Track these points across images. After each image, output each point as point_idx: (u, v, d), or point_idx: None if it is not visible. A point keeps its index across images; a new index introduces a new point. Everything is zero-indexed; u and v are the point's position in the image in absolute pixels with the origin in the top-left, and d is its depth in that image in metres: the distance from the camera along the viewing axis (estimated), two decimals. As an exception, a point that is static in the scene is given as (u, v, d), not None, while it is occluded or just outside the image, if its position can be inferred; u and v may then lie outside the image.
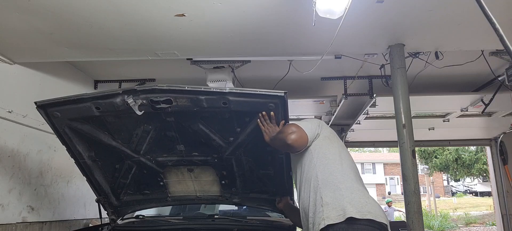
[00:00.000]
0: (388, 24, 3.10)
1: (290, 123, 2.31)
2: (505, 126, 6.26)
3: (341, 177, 2.10)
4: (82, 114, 2.47)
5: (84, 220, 4.50)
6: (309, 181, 2.16)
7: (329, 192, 2.04)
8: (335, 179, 2.08)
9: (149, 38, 3.26)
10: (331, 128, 2.47)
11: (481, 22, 2.85)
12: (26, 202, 3.62)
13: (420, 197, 3.22)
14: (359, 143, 8.17)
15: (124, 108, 2.36)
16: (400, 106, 3.35)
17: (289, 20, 2.98)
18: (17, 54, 3.56)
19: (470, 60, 4.07)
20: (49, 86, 4.06)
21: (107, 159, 2.84)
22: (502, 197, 6.99)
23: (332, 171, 2.12)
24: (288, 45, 3.47)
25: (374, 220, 1.94)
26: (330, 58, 3.76)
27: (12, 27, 3.03)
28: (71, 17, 2.88)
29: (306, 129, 2.20)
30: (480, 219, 19.27)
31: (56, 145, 3.83)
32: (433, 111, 5.64)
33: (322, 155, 2.18)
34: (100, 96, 2.37)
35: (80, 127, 2.57)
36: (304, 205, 2.20)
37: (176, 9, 2.78)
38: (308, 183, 2.16)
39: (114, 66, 4.53)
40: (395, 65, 3.43)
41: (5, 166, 3.41)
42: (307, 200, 2.15)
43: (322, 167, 2.14)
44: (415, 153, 3.28)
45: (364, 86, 4.80)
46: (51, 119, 2.48)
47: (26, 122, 3.64)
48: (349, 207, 1.95)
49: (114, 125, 2.57)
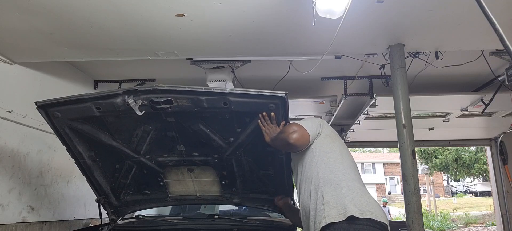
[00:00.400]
0: (388, 24, 3.10)
1: (291, 122, 2.31)
2: (505, 126, 6.27)
3: (342, 175, 2.09)
4: (82, 115, 2.47)
5: (84, 220, 4.50)
6: (310, 180, 2.15)
7: (331, 191, 2.03)
8: (336, 177, 2.08)
9: (149, 38, 3.26)
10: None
11: (481, 22, 2.86)
12: (26, 202, 3.62)
13: (420, 197, 3.22)
14: (359, 143, 8.17)
15: (125, 108, 2.36)
16: (400, 106, 3.35)
17: (289, 20, 2.98)
18: (17, 54, 3.56)
19: (470, 60, 4.07)
20: (49, 86, 4.06)
21: (107, 159, 2.84)
22: (502, 197, 7.00)
23: (333, 169, 2.11)
24: (288, 45, 3.47)
25: (374, 220, 1.94)
26: (330, 58, 3.76)
27: (12, 27, 3.03)
28: (71, 17, 2.88)
29: (307, 127, 2.20)
30: (480, 219, 19.26)
31: (56, 145, 3.83)
32: (433, 111, 5.64)
33: (323, 153, 2.18)
34: (100, 96, 2.37)
35: (80, 127, 2.57)
36: (304, 203, 2.19)
37: (176, 9, 2.78)
38: (309, 181, 2.16)
39: (114, 66, 4.52)
40: (395, 65, 3.43)
41: (5, 166, 3.41)
42: (307, 198, 2.14)
43: (323, 165, 2.13)
44: (415, 153, 3.28)
45: (364, 86, 4.80)
46: (52, 119, 2.48)
47: (26, 122, 3.64)
48: (350, 206, 1.95)
49: (115, 125, 2.57)
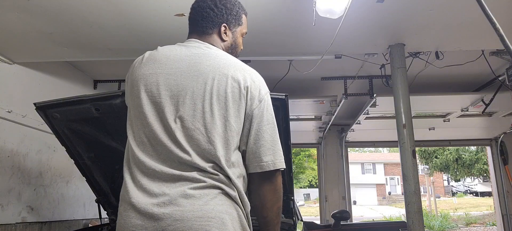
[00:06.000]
0: (388, 24, 3.09)
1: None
2: (505, 126, 6.27)
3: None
4: (81, 116, 2.46)
5: (83, 220, 4.49)
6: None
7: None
8: None
9: (149, 38, 3.25)
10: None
11: (482, 22, 2.85)
12: (25, 202, 3.62)
13: (420, 197, 3.21)
14: (359, 143, 8.18)
15: (124, 109, 2.35)
16: (400, 106, 3.35)
17: (289, 20, 2.97)
18: (17, 54, 3.55)
19: (471, 60, 4.06)
20: (49, 86, 4.06)
21: (107, 160, 2.83)
22: (503, 197, 7.00)
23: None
24: (288, 45, 3.46)
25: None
26: (330, 58, 3.75)
27: (12, 27, 3.02)
28: (70, 17, 2.87)
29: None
30: (480, 219, 19.24)
31: (56, 145, 3.81)
32: (433, 111, 5.64)
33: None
34: (99, 97, 2.36)
35: (79, 128, 2.56)
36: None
37: (176, 9, 2.78)
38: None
39: (113, 66, 4.52)
40: (396, 65, 3.43)
41: (5, 166, 3.41)
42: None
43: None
44: (415, 153, 3.27)
45: (364, 86, 4.80)
46: (51, 120, 2.47)
47: (25, 122, 3.64)
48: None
49: (114, 126, 2.56)
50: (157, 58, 1.48)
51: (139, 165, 1.37)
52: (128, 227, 1.30)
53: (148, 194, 1.31)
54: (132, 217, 1.30)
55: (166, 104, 1.39)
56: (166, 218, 1.26)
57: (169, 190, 1.30)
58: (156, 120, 1.39)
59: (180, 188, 1.30)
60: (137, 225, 1.28)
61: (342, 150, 7.35)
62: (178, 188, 1.30)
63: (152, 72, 1.45)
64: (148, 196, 1.31)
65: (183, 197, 1.28)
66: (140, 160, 1.37)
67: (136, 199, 1.31)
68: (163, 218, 1.26)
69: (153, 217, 1.27)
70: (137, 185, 1.35)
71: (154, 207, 1.28)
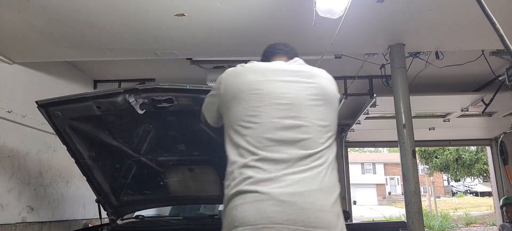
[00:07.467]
0: (388, 24, 3.10)
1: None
2: (505, 126, 6.27)
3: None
4: (83, 114, 2.46)
5: (83, 220, 4.49)
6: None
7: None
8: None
9: (149, 38, 3.25)
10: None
11: (482, 21, 2.85)
12: (25, 202, 3.62)
13: (420, 197, 3.21)
14: (359, 143, 8.18)
15: (125, 107, 2.35)
16: (400, 106, 3.35)
17: (289, 20, 2.98)
18: (17, 54, 3.55)
19: (471, 60, 4.06)
20: (49, 86, 4.06)
21: (107, 159, 2.84)
22: (503, 197, 6.98)
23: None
24: (288, 45, 3.46)
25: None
26: (330, 58, 3.76)
27: (12, 27, 3.02)
28: (70, 17, 2.87)
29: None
30: (480, 219, 19.24)
31: (56, 145, 3.83)
32: (433, 111, 5.64)
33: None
34: (101, 95, 2.37)
35: (81, 126, 2.57)
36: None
37: (176, 8, 2.78)
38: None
39: (113, 66, 4.52)
40: (396, 65, 3.43)
41: (5, 166, 3.41)
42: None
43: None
44: (415, 153, 3.27)
45: (364, 86, 4.80)
46: (52, 118, 2.47)
47: (25, 122, 3.64)
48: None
49: (115, 124, 2.57)
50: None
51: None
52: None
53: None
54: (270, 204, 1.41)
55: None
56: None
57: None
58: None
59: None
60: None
61: (342, 150, 7.35)
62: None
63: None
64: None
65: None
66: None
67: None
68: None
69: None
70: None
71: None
